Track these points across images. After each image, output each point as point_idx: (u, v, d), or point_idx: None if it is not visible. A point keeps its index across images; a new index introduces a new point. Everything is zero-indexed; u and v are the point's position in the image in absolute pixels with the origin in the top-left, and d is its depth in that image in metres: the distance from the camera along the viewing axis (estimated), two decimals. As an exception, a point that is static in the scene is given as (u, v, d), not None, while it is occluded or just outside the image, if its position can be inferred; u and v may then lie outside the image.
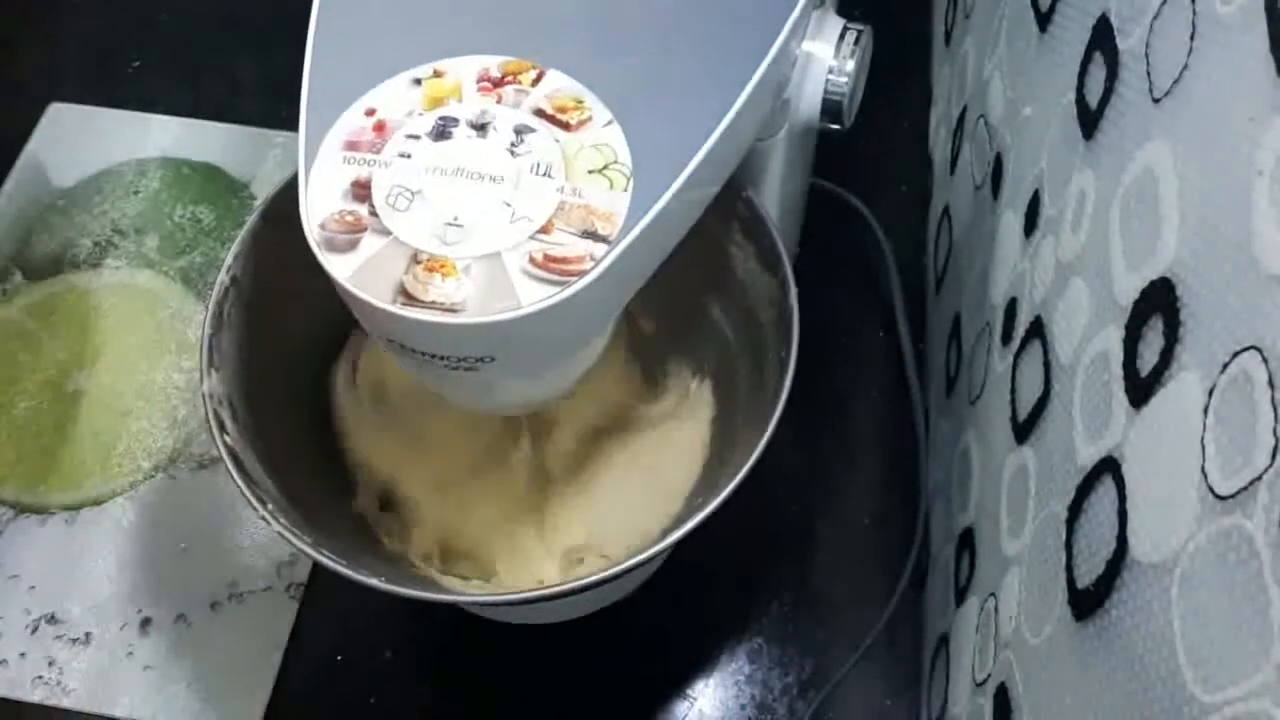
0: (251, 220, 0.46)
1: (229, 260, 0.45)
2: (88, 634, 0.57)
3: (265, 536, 0.59)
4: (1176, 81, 0.31)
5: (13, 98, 0.76)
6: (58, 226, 0.70)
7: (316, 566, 0.56)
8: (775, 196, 0.51)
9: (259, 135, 0.74)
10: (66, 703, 0.55)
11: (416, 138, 0.36)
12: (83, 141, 0.73)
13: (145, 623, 0.57)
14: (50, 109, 0.75)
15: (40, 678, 0.55)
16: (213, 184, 0.71)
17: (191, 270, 0.68)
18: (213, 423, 0.42)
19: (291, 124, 0.37)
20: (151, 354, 0.65)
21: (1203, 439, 0.27)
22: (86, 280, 0.67)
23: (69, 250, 0.69)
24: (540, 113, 0.37)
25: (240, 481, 0.40)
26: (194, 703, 0.55)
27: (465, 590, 0.49)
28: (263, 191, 0.71)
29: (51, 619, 0.57)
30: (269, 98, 0.75)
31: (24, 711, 0.55)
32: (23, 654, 0.56)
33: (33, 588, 0.58)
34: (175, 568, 0.59)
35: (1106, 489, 0.33)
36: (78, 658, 0.56)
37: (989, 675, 0.43)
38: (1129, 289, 0.33)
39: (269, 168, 0.72)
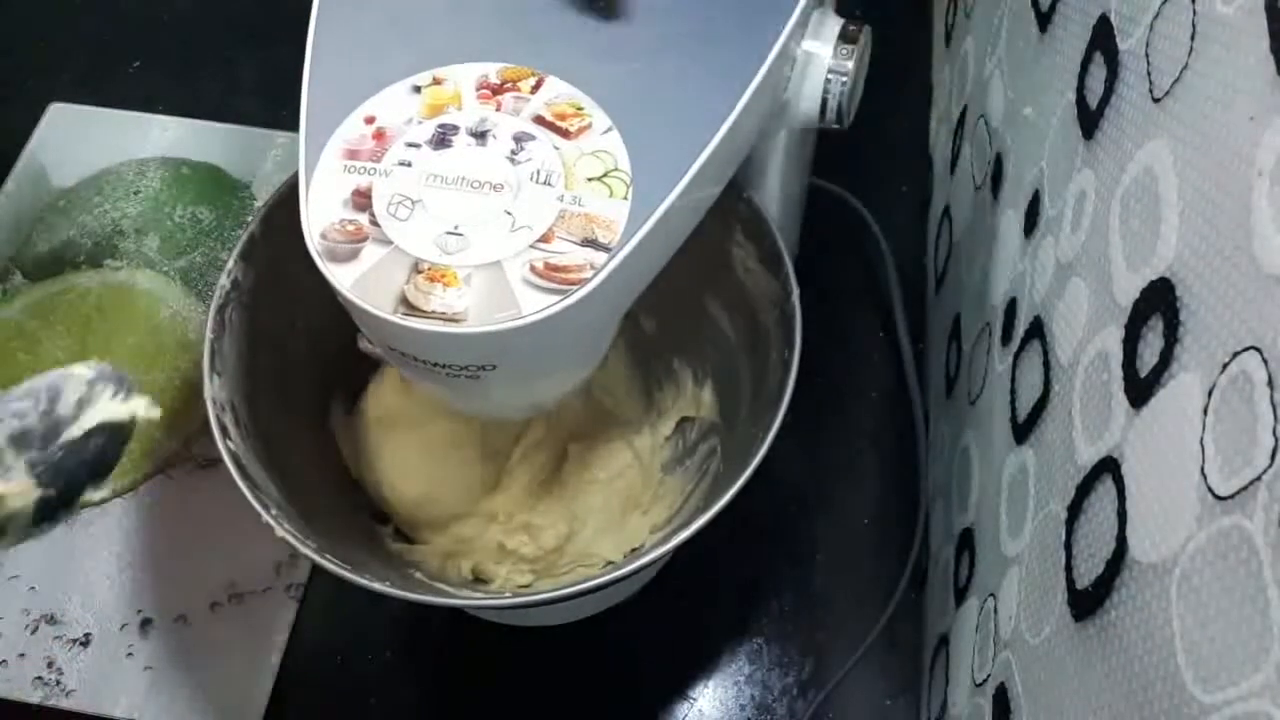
0: (252, 224, 0.46)
1: (230, 264, 0.45)
2: (88, 634, 0.57)
3: (265, 537, 0.59)
4: (1177, 81, 0.31)
5: (13, 98, 0.76)
6: (58, 226, 0.70)
7: (316, 567, 0.56)
8: (775, 196, 0.51)
9: (259, 135, 0.73)
10: (66, 703, 0.55)
11: (416, 146, 0.36)
12: (83, 141, 0.73)
13: (145, 623, 0.57)
14: (50, 109, 0.75)
15: (40, 678, 0.55)
16: (213, 184, 0.71)
17: (191, 270, 0.68)
18: (216, 428, 0.42)
19: (292, 124, 0.37)
20: (151, 354, 0.65)
21: (1202, 439, 0.27)
22: (86, 280, 0.67)
23: (69, 250, 0.69)
24: (540, 120, 0.37)
25: (244, 486, 0.40)
26: (194, 703, 0.55)
27: (467, 593, 0.49)
28: (263, 191, 0.71)
29: (51, 619, 0.57)
30: (269, 98, 0.75)
31: (24, 712, 0.55)
32: (22, 654, 0.56)
33: (33, 588, 0.58)
34: (175, 568, 0.59)
35: (1106, 489, 0.33)
36: (78, 658, 0.56)
37: (988, 675, 0.43)
38: (1129, 289, 0.33)
39: (269, 168, 0.72)
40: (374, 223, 0.35)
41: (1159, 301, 0.31)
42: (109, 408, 0.33)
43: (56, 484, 0.32)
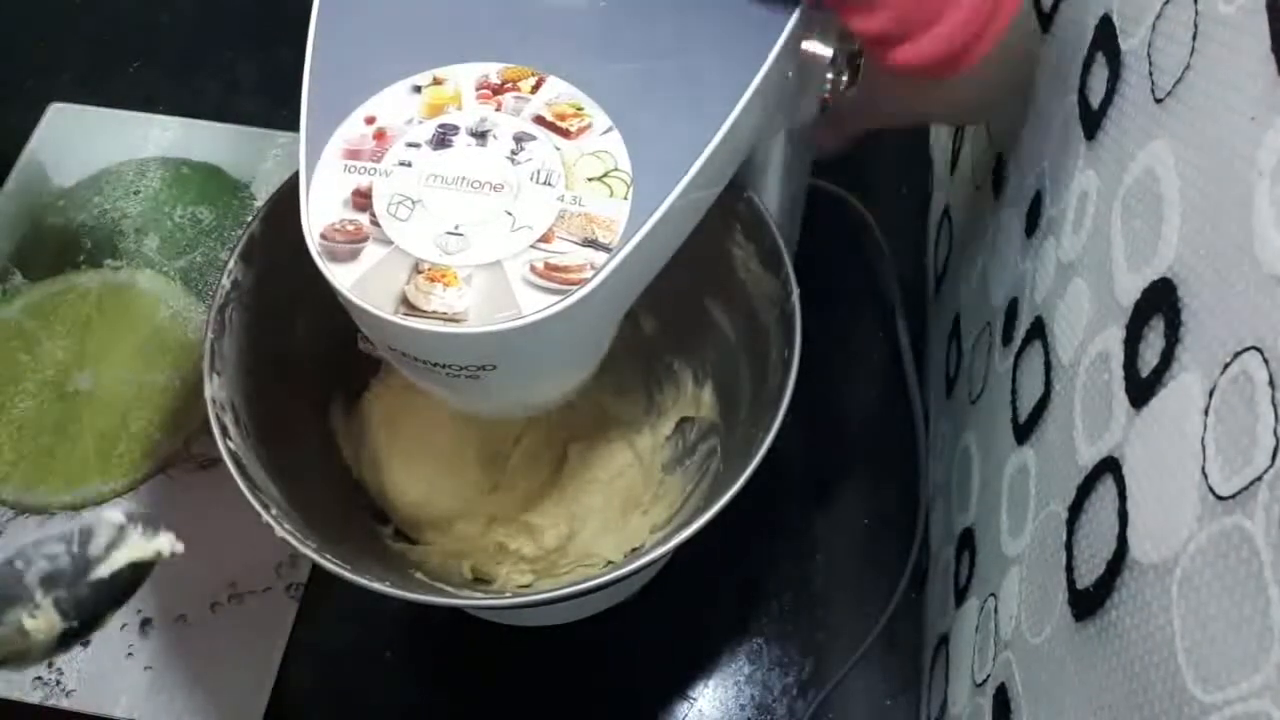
0: (252, 224, 0.46)
1: (230, 264, 0.45)
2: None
3: (265, 537, 0.59)
4: (1179, 81, 0.31)
5: (13, 98, 0.76)
6: (58, 226, 0.70)
7: (316, 567, 0.56)
8: (775, 196, 0.51)
9: (259, 135, 0.73)
10: (66, 703, 0.55)
11: (417, 146, 0.36)
12: (83, 141, 0.73)
13: (145, 623, 0.57)
14: (50, 109, 0.75)
15: (40, 678, 0.55)
16: (213, 184, 0.71)
17: (191, 270, 0.68)
18: (216, 428, 0.42)
19: (292, 124, 0.37)
20: (151, 354, 0.65)
21: (1203, 439, 0.27)
22: (86, 280, 0.67)
23: (69, 250, 0.69)
24: (540, 120, 0.37)
25: (244, 486, 0.40)
26: (194, 703, 0.55)
27: (467, 593, 0.49)
28: (262, 191, 0.71)
29: (52, 619, 0.57)
30: (269, 98, 0.76)
31: (24, 712, 0.55)
32: (23, 654, 0.56)
33: (33, 588, 0.58)
34: (175, 568, 0.58)
35: (1107, 489, 0.33)
36: (78, 658, 0.56)
37: (989, 675, 0.43)
38: (1130, 289, 0.33)
39: (269, 168, 0.72)
40: (374, 223, 0.35)
41: (1160, 302, 0.31)
42: (137, 548, 0.35)
43: (81, 617, 0.34)
